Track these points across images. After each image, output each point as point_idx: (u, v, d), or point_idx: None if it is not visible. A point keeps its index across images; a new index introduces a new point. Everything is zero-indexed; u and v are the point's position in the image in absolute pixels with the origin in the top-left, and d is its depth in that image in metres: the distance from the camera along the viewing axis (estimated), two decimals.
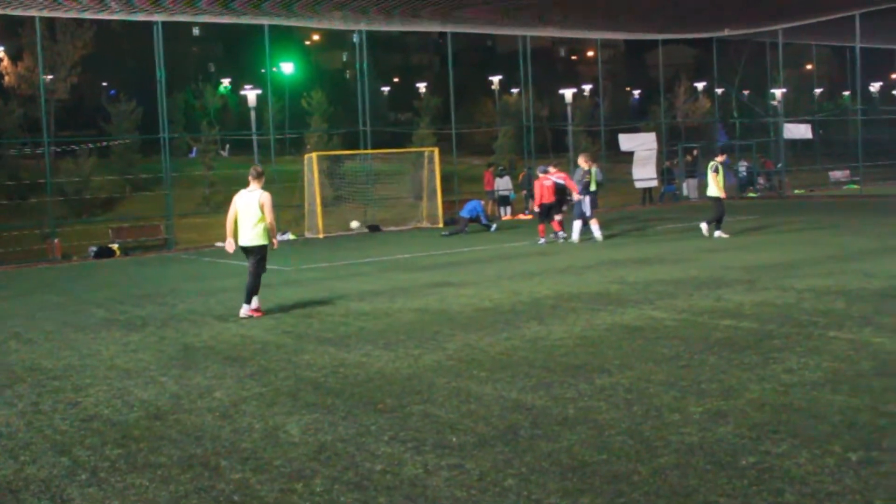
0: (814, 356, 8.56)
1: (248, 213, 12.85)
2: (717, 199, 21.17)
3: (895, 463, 5.62)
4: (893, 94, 67.09)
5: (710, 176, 21.30)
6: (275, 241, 13.27)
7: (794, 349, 8.91)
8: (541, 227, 22.54)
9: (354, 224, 27.05)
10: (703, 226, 21.59)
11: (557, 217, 22.53)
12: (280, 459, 6.35)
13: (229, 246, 13.12)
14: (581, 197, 21.85)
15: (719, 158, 21.55)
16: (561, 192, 22.49)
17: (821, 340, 9.26)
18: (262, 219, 12.81)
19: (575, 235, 21.97)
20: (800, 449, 5.96)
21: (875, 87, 66.21)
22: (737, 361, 8.52)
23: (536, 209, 22.93)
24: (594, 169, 24.16)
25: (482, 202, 28.85)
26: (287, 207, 31.13)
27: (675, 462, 5.86)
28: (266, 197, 12.84)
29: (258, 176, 13.04)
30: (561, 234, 22.53)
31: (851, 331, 9.61)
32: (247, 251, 13.02)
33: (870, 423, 6.42)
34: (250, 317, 12.82)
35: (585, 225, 22.13)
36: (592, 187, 24.89)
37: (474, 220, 27.15)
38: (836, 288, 12.68)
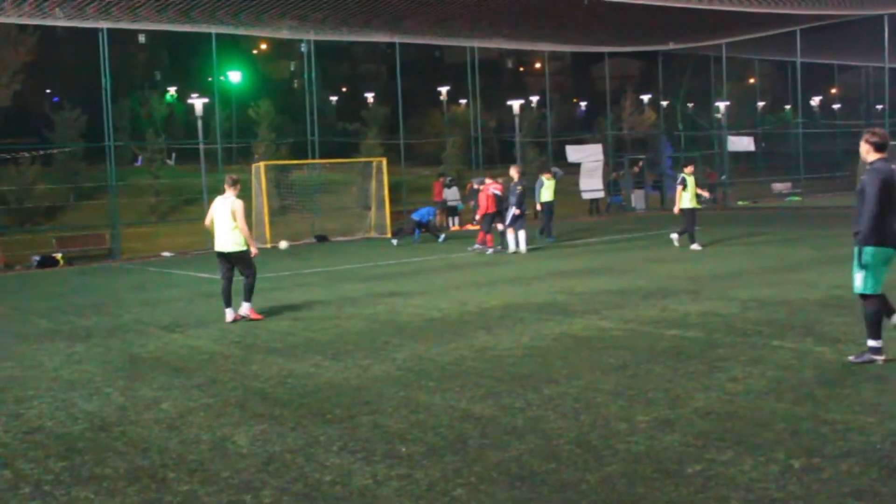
0: (758, 365, 8.70)
1: (223, 220, 13.15)
2: (688, 211, 21.14)
3: (837, 469, 5.73)
4: (833, 109, 68.30)
5: (678, 188, 21.28)
6: (253, 248, 13.44)
7: (739, 358, 9.04)
8: (488, 237, 22.70)
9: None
10: (674, 237, 21.78)
11: (499, 227, 22.69)
12: (228, 471, 6.31)
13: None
14: (517, 210, 22.06)
15: (687, 170, 21.40)
16: (500, 202, 22.69)
17: (764, 350, 9.40)
18: (237, 226, 13.07)
19: (522, 246, 22.11)
20: (744, 456, 6.05)
21: (815, 101, 67.38)
22: (682, 370, 8.63)
23: (478, 219, 23.06)
24: (545, 179, 24.52)
25: (435, 210, 28.91)
26: None
27: (623, 470, 5.92)
28: (238, 204, 13.16)
29: (233, 183, 13.40)
30: (489, 249, 22.58)
31: (794, 340, 9.78)
32: (224, 256, 13.30)
33: (812, 431, 6.54)
34: (248, 317, 13.19)
35: (543, 233, 22.37)
36: (547, 197, 25.18)
37: (424, 225, 27.19)
38: (779, 298, 12.89)
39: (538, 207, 26.55)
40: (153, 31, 45.45)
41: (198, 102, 31.26)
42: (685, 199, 21.13)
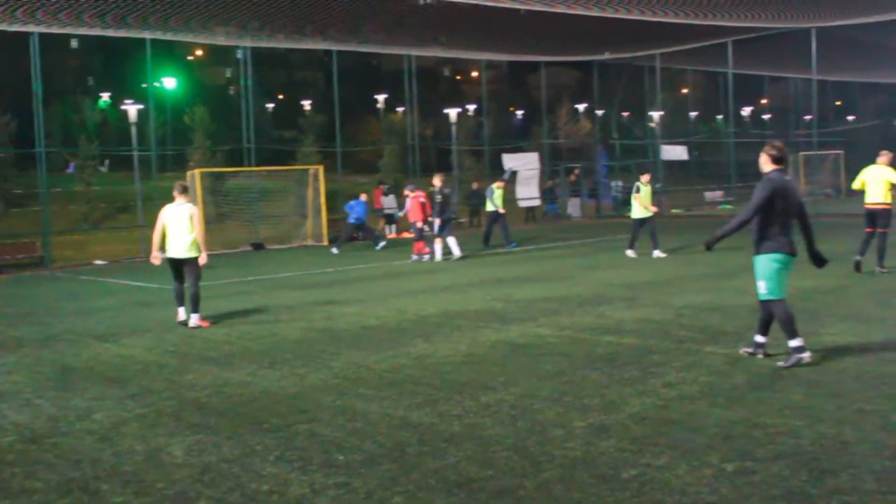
0: (691, 370, 8.83)
1: (180, 227, 13.22)
2: (638, 221, 20.82)
3: (768, 472, 5.84)
4: (763, 119, 69.59)
5: (633, 196, 20.97)
6: (204, 255, 13.48)
7: (673, 364, 9.17)
8: (420, 244, 22.78)
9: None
10: (656, 252, 20.75)
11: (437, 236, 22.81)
12: (163, 482, 6.23)
13: (156, 259, 13.65)
14: (438, 219, 22.37)
15: (644, 178, 21.14)
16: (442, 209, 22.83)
17: (698, 355, 9.55)
18: (193, 231, 13.20)
19: (438, 254, 22.34)
20: (679, 461, 6.14)
21: (746, 111, 68.68)
22: (618, 377, 8.72)
23: (419, 226, 23.09)
24: (495, 188, 24.68)
25: (363, 201, 28.63)
26: None
27: (560, 476, 5.97)
28: (196, 210, 13.47)
29: (183, 191, 13.52)
30: (426, 256, 22.68)
31: (727, 346, 9.94)
32: (180, 263, 13.38)
33: (744, 435, 6.66)
34: (199, 326, 13.13)
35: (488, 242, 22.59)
36: (496, 206, 25.34)
37: (361, 227, 27.19)
38: (712, 304, 13.10)
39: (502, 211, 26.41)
40: (86, 36, 44.81)
41: (132, 108, 30.85)
42: (635, 207, 20.86)
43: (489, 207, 26.23)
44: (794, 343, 8.86)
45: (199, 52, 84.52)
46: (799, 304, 12.60)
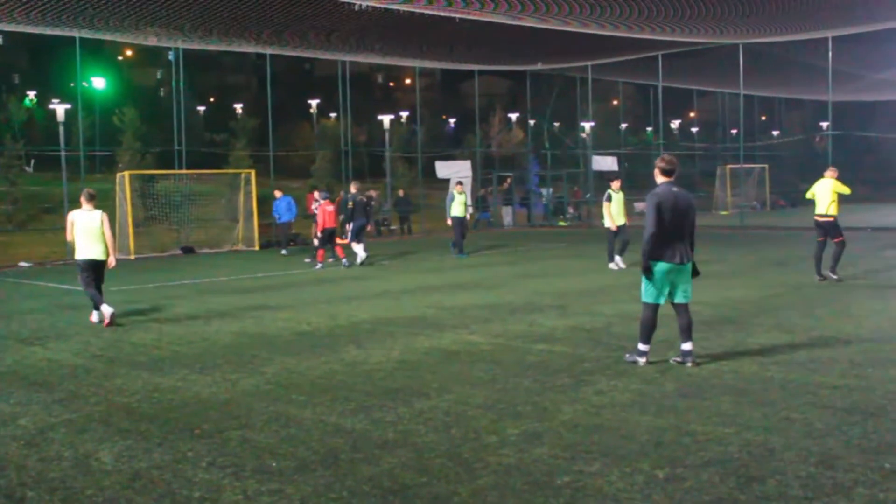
0: (622, 378, 8.94)
1: (94, 231, 13.69)
2: (611, 232, 20.41)
3: (698, 479, 5.94)
4: (691, 131, 70.76)
5: (604, 205, 20.44)
6: (112, 258, 13.96)
7: (605, 372, 9.27)
8: (320, 252, 22.66)
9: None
10: (617, 260, 20.43)
11: (341, 241, 22.91)
12: (92, 489, 6.12)
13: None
14: (348, 225, 22.88)
15: (614, 185, 20.61)
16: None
17: (629, 363, 9.66)
18: (104, 235, 13.74)
19: (345, 259, 22.49)
20: (611, 467, 6.21)
21: (675, 124, 69.78)
22: (550, 384, 8.80)
23: (319, 234, 22.91)
24: (456, 192, 24.58)
25: (291, 199, 28.43)
26: None
27: (494, 483, 6.00)
28: (106, 216, 13.91)
29: (90, 198, 13.85)
30: (344, 261, 22.62)
31: (656, 354, 10.06)
32: (97, 264, 13.79)
33: (675, 442, 6.76)
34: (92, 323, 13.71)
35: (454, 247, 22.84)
36: (457, 212, 25.00)
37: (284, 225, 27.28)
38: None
39: (448, 222, 26.25)
40: (11, 33, 43.87)
41: (59, 108, 30.27)
42: (606, 217, 20.30)
43: (454, 213, 25.44)
44: (642, 346, 9.62)
45: (129, 53, 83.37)
46: (727, 314, 12.88)
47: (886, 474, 5.94)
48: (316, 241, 23.24)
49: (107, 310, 13.48)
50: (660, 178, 9.60)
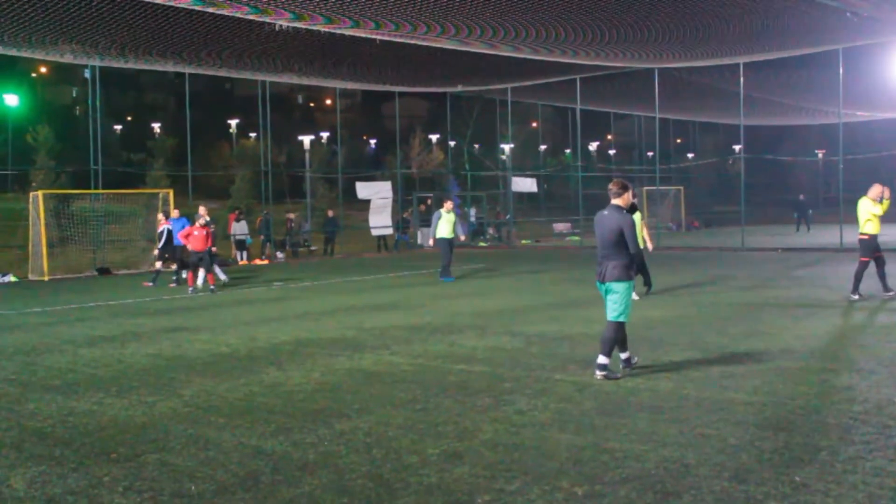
0: (542, 397, 9.02)
1: None
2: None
3: (617, 495, 6.02)
4: (609, 154, 71.94)
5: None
6: None
7: (524, 391, 9.34)
8: (190, 274, 22.13)
9: None
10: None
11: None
12: None
13: None
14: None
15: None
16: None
17: (548, 383, 9.76)
18: None
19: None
20: (531, 486, 6.26)
21: (593, 146, 70.91)
22: (470, 404, 8.83)
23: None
24: (444, 211, 24.07)
25: (186, 220, 26.89)
26: (9, 248, 29.29)
27: (416, 503, 6.00)
28: None
29: None
30: (211, 286, 22.02)
31: (575, 373, 10.19)
32: None
33: (594, 459, 6.84)
34: None
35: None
36: (444, 233, 24.17)
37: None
38: (561, 333, 13.41)
39: (430, 243, 24.53)
40: None
41: None
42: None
43: (440, 234, 23.65)
44: (623, 355, 10.23)
45: (43, 70, 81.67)
46: (644, 334, 13.07)
47: (796, 487, 6.10)
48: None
49: None
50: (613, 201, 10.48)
